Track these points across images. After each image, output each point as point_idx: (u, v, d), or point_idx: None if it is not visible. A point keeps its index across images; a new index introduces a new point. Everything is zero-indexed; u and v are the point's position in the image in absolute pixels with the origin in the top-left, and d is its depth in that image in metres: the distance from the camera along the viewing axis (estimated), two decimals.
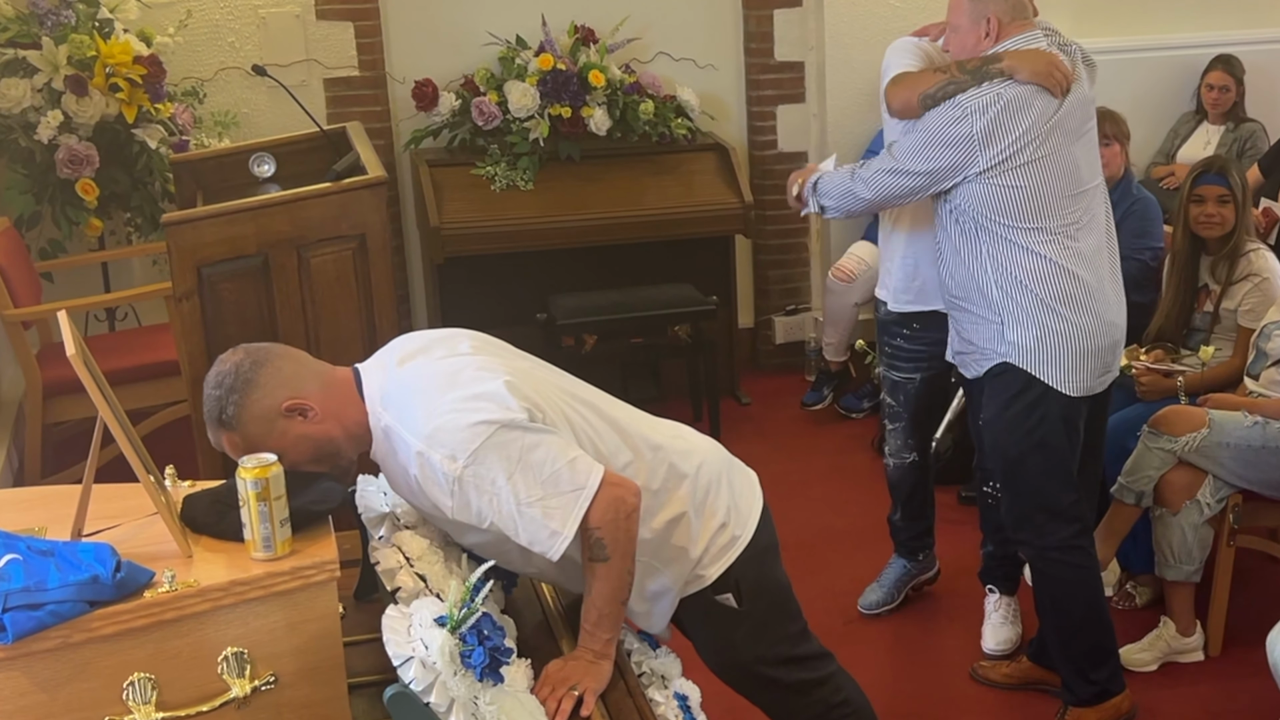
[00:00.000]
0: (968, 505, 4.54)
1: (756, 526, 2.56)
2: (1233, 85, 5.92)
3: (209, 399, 2.26)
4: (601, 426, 2.42)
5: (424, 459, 2.22)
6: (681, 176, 5.56)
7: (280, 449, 2.17)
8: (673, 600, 2.50)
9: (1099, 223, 3.29)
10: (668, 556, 2.46)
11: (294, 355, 2.32)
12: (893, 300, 3.73)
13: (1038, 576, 3.44)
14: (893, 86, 3.36)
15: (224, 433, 2.25)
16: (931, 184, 3.26)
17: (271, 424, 2.24)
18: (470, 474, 2.20)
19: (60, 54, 4.80)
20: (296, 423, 2.25)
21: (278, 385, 2.25)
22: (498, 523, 2.23)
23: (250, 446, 2.19)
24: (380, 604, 2.27)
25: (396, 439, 2.26)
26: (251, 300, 3.56)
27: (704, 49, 5.90)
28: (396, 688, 2.03)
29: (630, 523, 2.28)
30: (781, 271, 6.08)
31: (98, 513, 2.13)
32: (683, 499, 2.46)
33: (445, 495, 2.22)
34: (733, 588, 2.51)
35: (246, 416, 2.23)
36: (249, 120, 5.44)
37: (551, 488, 2.21)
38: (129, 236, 5.27)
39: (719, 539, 2.50)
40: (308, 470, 2.25)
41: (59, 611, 1.85)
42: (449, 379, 2.29)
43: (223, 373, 2.26)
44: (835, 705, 2.70)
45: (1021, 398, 3.26)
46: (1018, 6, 3.27)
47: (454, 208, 5.29)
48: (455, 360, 2.34)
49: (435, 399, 2.25)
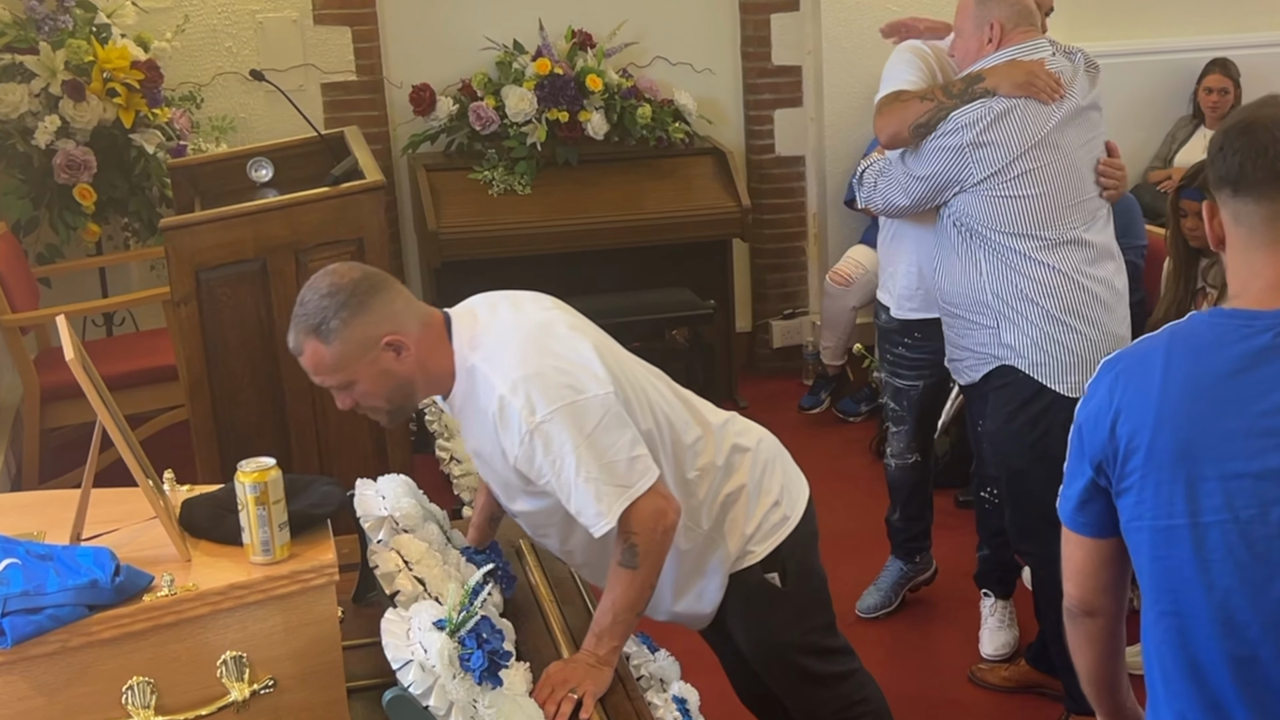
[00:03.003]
0: (965, 509, 4.55)
1: (804, 511, 2.62)
2: (1231, 88, 5.93)
3: (311, 304, 2.24)
4: (675, 401, 2.49)
5: (504, 403, 2.24)
6: (679, 181, 5.57)
7: (361, 379, 2.22)
8: (724, 577, 2.55)
9: (1105, 230, 3.30)
10: (726, 530, 2.52)
11: (404, 291, 2.34)
12: (896, 307, 3.72)
13: (1041, 586, 3.44)
14: (880, 118, 3.35)
15: (314, 342, 2.24)
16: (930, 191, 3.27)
17: (366, 351, 2.24)
18: (543, 430, 2.22)
19: (58, 59, 4.80)
20: (388, 358, 2.26)
21: (386, 316, 2.26)
22: (554, 484, 2.26)
23: (332, 366, 2.22)
24: (379, 607, 2.27)
25: (481, 380, 2.28)
26: (250, 305, 3.56)
27: (701, 53, 5.90)
28: (395, 691, 2.04)
29: (666, 538, 2.32)
30: (779, 275, 6.08)
31: (96, 517, 2.13)
32: (744, 473, 2.54)
33: (515, 443, 2.25)
34: (779, 568, 2.56)
35: (347, 335, 2.23)
36: (246, 125, 5.44)
37: (607, 474, 2.24)
38: (127, 241, 5.27)
39: (771, 516, 2.56)
40: (369, 407, 2.28)
41: (58, 616, 1.85)
42: (541, 330, 2.34)
43: (339, 285, 2.25)
44: (856, 702, 2.73)
45: (1027, 409, 3.26)
46: (1023, 14, 3.27)
47: (452, 212, 5.30)
48: (545, 314, 2.40)
49: (526, 347, 2.29)
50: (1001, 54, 3.23)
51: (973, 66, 3.27)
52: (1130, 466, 1.75)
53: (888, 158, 3.43)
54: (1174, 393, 1.71)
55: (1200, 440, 1.69)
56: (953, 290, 3.33)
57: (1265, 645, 1.66)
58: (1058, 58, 3.23)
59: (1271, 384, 1.67)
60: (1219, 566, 1.68)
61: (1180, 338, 1.75)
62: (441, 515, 2.57)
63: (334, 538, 2.12)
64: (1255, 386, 1.67)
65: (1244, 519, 1.66)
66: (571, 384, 2.25)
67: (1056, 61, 3.22)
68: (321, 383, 2.30)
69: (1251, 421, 1.67)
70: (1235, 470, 1.67)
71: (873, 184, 3.46)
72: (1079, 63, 3.27)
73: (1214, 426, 1.68)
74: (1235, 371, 1.69)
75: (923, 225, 3.52)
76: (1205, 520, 1.69)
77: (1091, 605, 1.91)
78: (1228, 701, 1.71)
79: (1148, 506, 1.73)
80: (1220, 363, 1.70)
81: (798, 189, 6.01)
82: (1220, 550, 1.68)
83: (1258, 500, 1.66)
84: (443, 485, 4.64)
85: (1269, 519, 1.65)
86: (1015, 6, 3.25)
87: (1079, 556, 1.90)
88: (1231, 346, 1.70)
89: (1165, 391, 1.72)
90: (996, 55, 3.24)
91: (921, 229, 3.52)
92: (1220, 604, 1.68)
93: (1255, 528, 1.65)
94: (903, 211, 3.45)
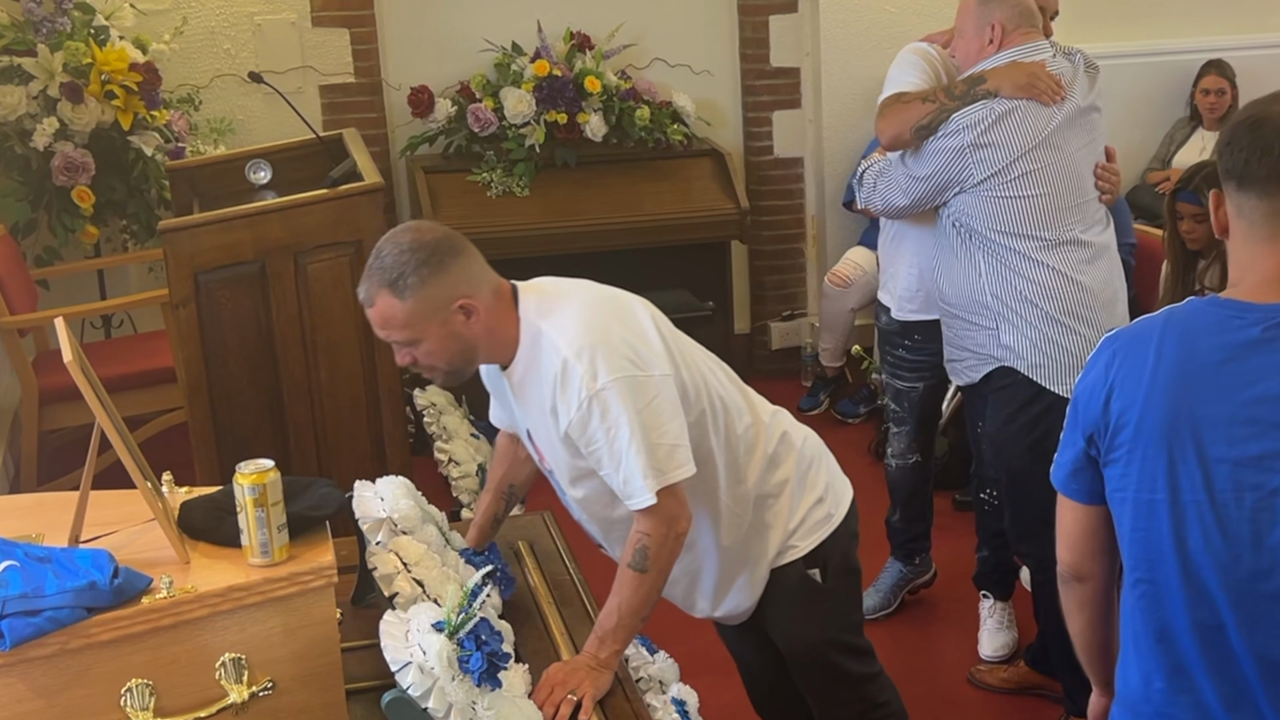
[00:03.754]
0: (962, 511, 4.55)
1: (848, 510, 2.65)
2: (1228, 88, 5.93)
3: (389, 258, 2.26)
4: (731, 387, 2.53)
5: (568, 366, 2.27)
6: (677, 182, 5.57)
7: (428, 338, 2.26)
8: (767, 569, 2.57)
9: (1105, 232, 3.30)
10: (769, 520, 2.55)
11: (479, 257, 2.37)
12: (897, 308, 3.72)
13: (1040, 588, 3.44)
14: (882, 120, 3.36)
15: (388, 296, 2.26)
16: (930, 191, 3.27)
17: (437, 311, 2.27)
18: (602, 397, 2.25)
19: (56, 61, 4.80)
20: (458, 320, 2.29)
21: (463, 279, 2.29)
22: (603, 453, 2.28)
23: (403, 323, 2.25)
24: (378, 609, 2.27)
25: (546, 344, 2.31)
26: (248, 307, 3.56)
27: (700, 55, 5.90)
28: (394, 693, 2.04)
29: (676, 545, 2.34)
30: (778, 277, 6.08)
31: (95, 519, 2.13)
32: (789, 467, 2.57)
33: (572, 407, 2.27)
34: (821, 564, 2.59)
35: (423, 294, 2.25)
36: (245, 127, 5.43)
37: (650, 454, 2.27)
38: (125, 244, 5.27)
39: (815, 513, 2.59)
40: (428, 366, 2.32)
41: (57, 618, 1.85)
42: (610, 302, 2.39)
43: (422, 242, 2.27)
44: (879, 705, 2.77)
45: (1026, 411, 3.26)
46: (1024, 15, 3.27)
47: (450, 214, 5.29)
48: (610, 289, 2.45)
49: (594, 317, 2.33)
50: (1003, 55, 3.24)
51: (974, 68, 3.27)
52: (1119, 440, 1.85)
53: (888, 158, 3.43)
54: (1165, 375, 1.81)
55: (1185, 423, 1.79)
56: (952, 291, 3.33)
57: (1230, 615, 1.78)
58: (1058, 59, 3.23)
59: (1257, 375, 1.76)
60: (1193, 543, 1.79)
61: (1176, 321, 1.84)
62: (440, 517, 2.57)
63: (333, 540, 2.12)
64: (1241, 376, 1.76)
65: (1219, 501, 1.77)
66: (634, 358, 2.29)
67: (1057, 63, 3.22)
68: (386, 337, 2.33)
69: (1235, 410, 1.76)
70: (1216, 454, 1.77)
71: (872, 184, 3.46)
72: (1079, 64, 3.27)
73: (1199, 411, 1.78)
74: (1224, 360, 1.78)
75: (924, 226, 3.52)
76: (1184, 499, 1.80)
77: (1081, 570, 2.02)
78: (1191, 665, 1.83)
79: (1132, 480, 1.84)
80: (1211, 350, 1.79)
81: (796, 190, 6.01)
82: (1196, 528, 1.79)
83: (1233, 484, 1.76)
84: (441, 487, 4.64)
85: (1243, 503, 1.76)
86: (1017, 8, 3.26)
87: (1069, 521, 2.00)
88: (1223, 335, 1.79)
89: (1156, 373, 1.82)
90: (998, 56, 3.24)
91: (922, 230, 3.52)
92: (1192, 576, 1.80)
93: (1229, 510, 1.77)
94: (902, 212, 3.45)
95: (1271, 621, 1.76)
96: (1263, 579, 1.76)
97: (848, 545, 2.65)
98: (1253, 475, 1.75)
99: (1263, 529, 1.75)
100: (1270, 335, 1.75)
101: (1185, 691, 1.84)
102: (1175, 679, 1.85)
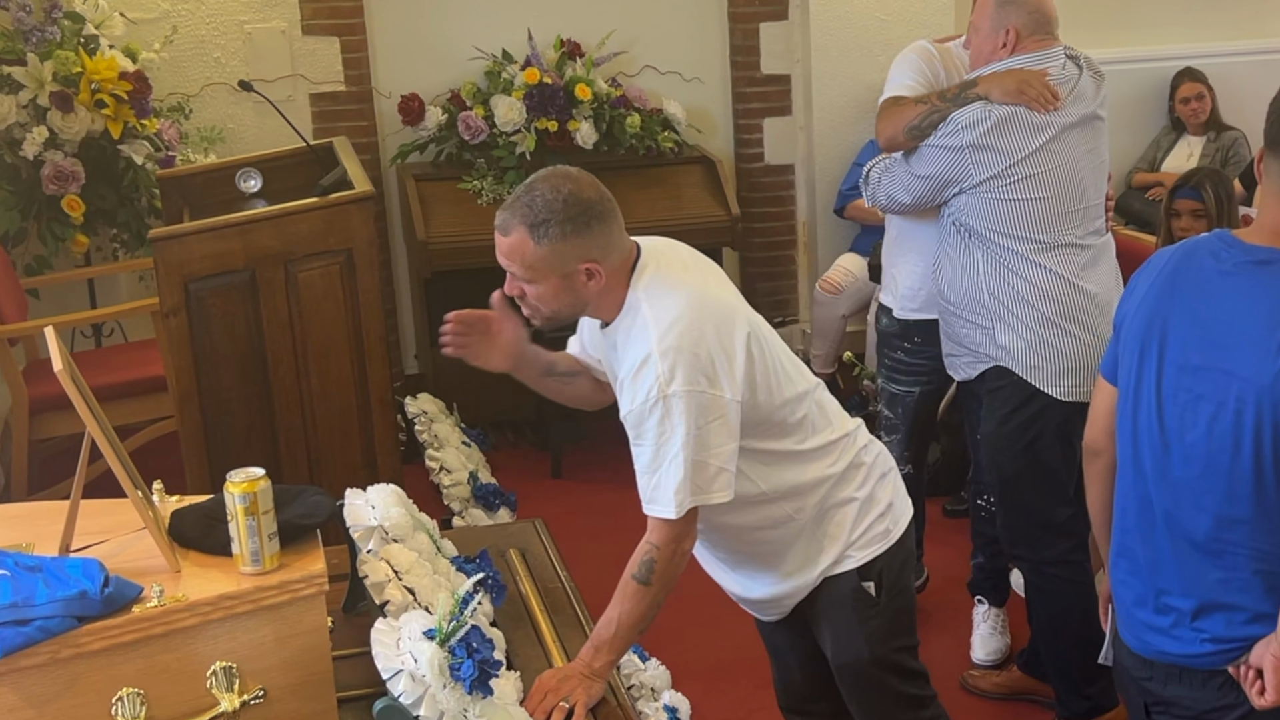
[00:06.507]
0: (952, 518, 4.56)
1: (905, 529, 2.64)
2: (1206, 92, 5.97)
3: (541, 200, 2.30)
4: (813, 405, 2.52)
5: (649, 360, 2.29)
6: (668, 189, 5.57)
7: (545, 283, 2.31)
8: (819, 576, 2.56)
9: (1104, 236, 3.31)
10: (831, 533, 2.54)
11: (621, 225, 2.41)
12: (899, 307, 3.71)
13: (1033, 591, 3.44)
14: (879, 122, 3.41)
15: (524, 234, 2.31)
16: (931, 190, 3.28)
17: (564, 265, 2.31)
18: (669, 402, 2.28)
19: (45, 70, 4.79)
20: (579, 279, 2.33)
21: (598, 245, 2.33)
22: (648, 448, 2.31)
23: (529, 263, 2.30)
24: (369, 617, 2.27)
25: (640, 326, 2.34)
26: (239, 315, 3.56)
27: (690, 62, 5.91)
28: (386, 701, 2.03)
29: (681, 562, 2.37)
30: (769, 284, 6.09)
31: (85, 528, 2.13)
32: (857, 483, 2.56)
33: (639, 398, 2.30)
34: (875, 578, 2.58)
35: (559, 246, 2.30)
36: (235, 136, 5.43)
37: (697, 471, 2.29)
38: (115, 253, 5.26)
39: (876, 527, 2.58)
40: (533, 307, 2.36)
41: (47, 627, 1.85)
42: (716, 310, 2.38)
43: (579, 198, 2.32)
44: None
45: (1019, 413, 3.27)
46: (1041, 23, 3.27)
47: (441, 222, 5.29)
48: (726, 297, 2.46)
49: (690, 322, 2.33)
50: (1008, 62, 3.24)
51: (975, 72, 3.28)
52: (1120, 334, 2.24)
53: (893, 156, 3.45)
54: (1158, 285, 2.18)
55: (1158, 326, 2.15)
56: (951, 289, 3.35)
57: (1157, 493, 2.16)
58: (1068, 67, 3.24)
59: (1218, 299, 2.09)
60: (1142, 428, 2.17)
61: (1187, 246, 2.20)
62: (431, 525, 2.57)
63: (324, 548, 2.12)
64: (1210, 298, 2.10)
65: (1164, 395, 2.14)
66: (711, 374, 2.31)
67: (1065, 70, 3.23)
68: (506, 266, 2.37)
69: (1193, 324, 2.11)
70: (1171, 358, 2.13)
71: (877, 181, 3.48)
72: (1085, 70, 3.28)
73: (1171, 319, 2.14)
74: (1203, 283, 2.12)
75: (926, 225, 3.52)
76: (1143, 389, 2.17)
77: (1097, 445, 2.36)
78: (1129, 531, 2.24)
79: (1121, 368, 2.23)
80: (1196, 272, 2.13)
81: (787, 197, 6.02)
82: (1145, 416, 2.16)
83: (1175, 385, 2.12)
84: (432, 495, 4.65)
85: (1178, 401, 2.11)
86: (1034, 15, 3.26)
87: (1098, 400, 2.35)
88: (1211, 262, 2.12)
89: (1154, 283, 2.19)
90: (1004, 62, 3.25)
91: (925, 229, 3.52)
92: (1138, 456, 2.18)
93: (1168, 405, 2.13)
94: (904, 209, 3.47)
95: (1184, 503, 2.12)
96: (1178, 467, 2.12)
97: (904, 563, 2.64)
98: (1189, 380, 2.10)
99: (1185, 426, 2.10)
100: (1240, 270, 2.08)
101: (1124, 555, 2.25)
102: (1120, 539, 2.26)
